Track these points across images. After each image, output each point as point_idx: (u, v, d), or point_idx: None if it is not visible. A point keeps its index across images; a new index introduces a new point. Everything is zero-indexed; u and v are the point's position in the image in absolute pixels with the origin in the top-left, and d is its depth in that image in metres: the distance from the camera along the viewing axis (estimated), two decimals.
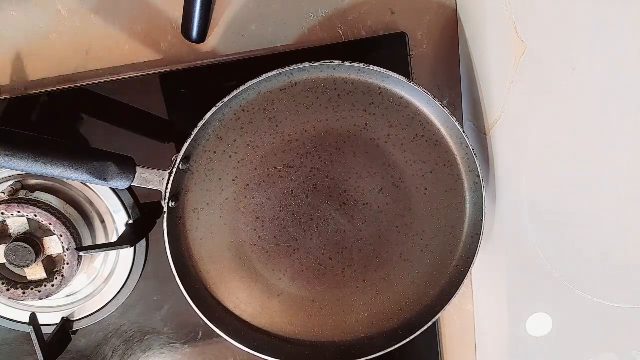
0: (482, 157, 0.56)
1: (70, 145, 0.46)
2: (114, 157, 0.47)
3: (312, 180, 0.53)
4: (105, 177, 0.46)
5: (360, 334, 0.56)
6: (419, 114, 0.52)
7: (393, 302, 0.56)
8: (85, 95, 0.54)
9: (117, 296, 0.58)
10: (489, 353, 0.63)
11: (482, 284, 0.61)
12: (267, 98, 0.51)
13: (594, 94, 0.39)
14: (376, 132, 0.52)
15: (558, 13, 0.40)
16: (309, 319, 0.56)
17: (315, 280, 0.55)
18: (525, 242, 0.52)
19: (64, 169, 0.45)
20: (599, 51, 0.38)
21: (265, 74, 0.48)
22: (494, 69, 0.51)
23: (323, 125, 0.52)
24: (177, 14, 0.54)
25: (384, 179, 0.54)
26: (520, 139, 0.49)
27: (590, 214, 0.44)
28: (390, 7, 0.56)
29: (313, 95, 0.51)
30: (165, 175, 0.48)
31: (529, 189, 0.50)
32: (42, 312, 0.57)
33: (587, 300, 0.47)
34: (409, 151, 0.53)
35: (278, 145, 0.52)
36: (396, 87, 0.51)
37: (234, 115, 0.51)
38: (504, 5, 0.46)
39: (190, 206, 0.52)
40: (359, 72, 0.50)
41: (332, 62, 0.49)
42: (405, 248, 0.55)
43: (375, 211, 0.54)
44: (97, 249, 0.53)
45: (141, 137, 0.56)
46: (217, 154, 0.51)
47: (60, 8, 0.54)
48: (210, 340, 0.60)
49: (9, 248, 0.51)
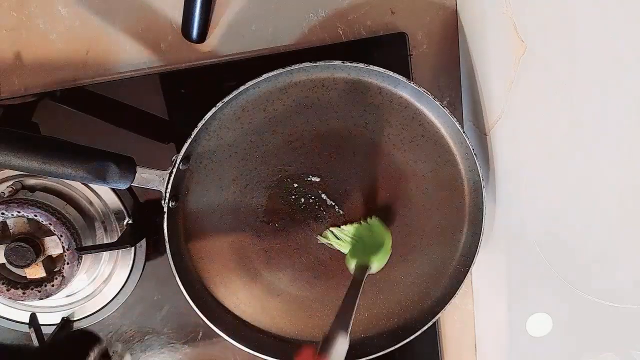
0: (482, 157, 0.56)
1: (70, 145, 0.46)
2: (114, 157, 0.46)
3: (308, 181, 0.53)
4: (105, 178, 0.45)
5: (360, 333, 0.56)
6: (419, 113, 0.52)
7: (393, 302, 0.56)
8: (85, 95, 0.54)
9: (117, 296, 0.58)
10: (489, 353, 0.63)
11: (482, 284, 0.61)
12: (267, 98, 0.51)
13: (594, 94, 0.39)
14: (376, 132, 0.52)
15: (558, 13, 0.40)
16: (309, 319, 0.56)
17: (315, 281, 0.55)
18: (525, 242, 0.52)
19: (64, 169, 0.45)
20: (599, 51, 0.38)
21: (265, 74, 0.48)
22: (494, 69, 0.51)
23: (323, 125, 0.52)
24: (177, 14, 0.54)
25: (383, 179, 0.54)
26: (521, 139, 0.49)
27: (590, 213, 0.44)
28: (390, 7, 0.56)
29: (313, 95, 0.51)
30: (165, 175, 0.48)
31: (529, 189, 0.50)
32: (42, 312, 0.57)
33: (587, 300, 0.47)
34: (409, 151, 0.53)
35: (278, 145, 0.52)
36: (396, 87, 0.51)
37: (234, 115, 0.51)
38: (504, 5, 0.46)
39: (190, 206, 0.52)
40: (359, 72, 0.50)
41: (332, 62, 0.49)
42: (406, 248, 0.55)
43: (375, 211, 0.54)
44: (97, 249, 0.53)
45: (141, 137, 0.56)
46: (217, 153, 0.51)
47: (60, 8, 0.54)
48: (210, 340, 0.60)
49: (9, 248, 0.51)
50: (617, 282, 0.45)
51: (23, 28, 0.54)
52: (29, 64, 0.55)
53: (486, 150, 0.55)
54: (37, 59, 0.55)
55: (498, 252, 0.56)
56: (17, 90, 0.55)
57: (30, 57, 0.55)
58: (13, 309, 0.58)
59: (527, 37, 0.44)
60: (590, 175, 0.43)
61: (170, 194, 0.48)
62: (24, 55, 0.55)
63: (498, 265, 0.57)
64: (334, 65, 0.49)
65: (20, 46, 0.55)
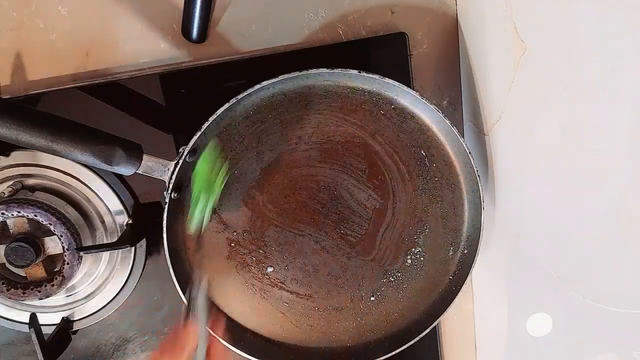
0: (481, 157, 0.56)
1: (80, 126, 0.45)
2: (122, 142, 0.46)
3: (314, 185, 0.53)
4: (111, 161, 0.45)
5: (347, 342, 0.55)
6: (427, 129, 0.53)
7: (389, 310, 0.56)
8: (85, 96, 0.54)
9: (117, 296, 0.58)
10: (489, 353, 0.63)
11: (482, 284, 0.61)
12: (279, 99, 0.51)
13: (594, 94, 0.39)
14: (383, 143, 0.53)
15: (558, 13, 0.40)
16: (298, 323, 0.55)
17: (307, 285, 0.55)
18: (525, 242, 0.52)
19: (71, 148, 0.44)
20: (599, 51, 0.38)
21: (281, 75, 0.48)
22: (494, 68, 0.51)
23: (332, 130, 0.52)
24: (177, 14, 0.54)
25: (386, 189, 0.54)
26: (520, 138, 0.49)
27: (590, 214, 0.44)
28: (390, 7, 0.56)
29: (325, 101, 0.52)
30: (170, 165, 0.48)
31: (528, 189, 0.50)
32: (42, 312, 0.57)
33: (587, 301, 0.47)
34: (413, 164, 0.53)
35: (285, 148, 0.52)
36: (405, 100, 0.52)
37: (245, 113, 0.51)
38: (504, 5, 0.46)
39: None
40: (373, 82, 0.51)
41: (348, 71, 0.49)
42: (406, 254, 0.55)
43: (374, 220, 0.54)
44: (97, 249, 0.53)
45: (141, 137, 0.56)
46: (224, 150, 0.51)
47: (60, 8, 0.54)
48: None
49: (9, 248, 0.51)
50: (616, 285, 0.45)
51: (23, 28, 0.54)
52: (29, 64, 0.55)
53: (486, 150, 0.55)
54: (37, 59, 0.55)
55: (498, 253, 0.56)
56: (17, 90, 0.55)
57: (30, 57, 0.55)
58: (13, 309, 0.58)
59: (527, 37, 0.44)
60: (591, 175, 0.43)
61: (173, 185, 0.48)
62: (24, 55, 0.55)
63: (498, 266, 0.57)
64: (350, 74, 0.50)
65: (20, 46, 0.55)
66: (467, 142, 0.50)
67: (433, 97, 0.58)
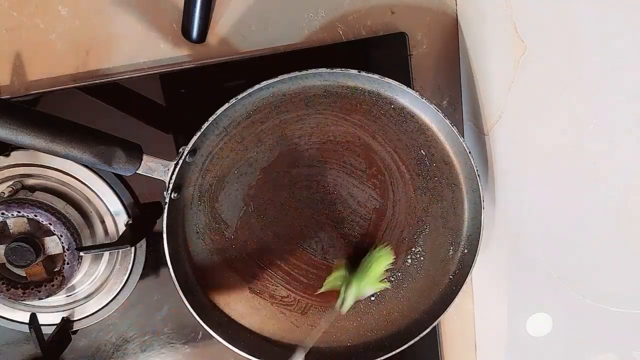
0: (481, 157, 0.56)
1: (79, 127, 0.45)
2: (121, 142, 0.46)
3: (314, 185, 0.53)
4: (111, 161, 0.45)
5: (347, 342, 0.55)
6: (427, 128, 0.52)
7: (389, 310, 0.56)
8: (85, 96, 0.54)
9: (117, 296, 0.58)
10: (489, 353, 0.63)
11: (482, 283, 0.61)
12: (279, 99, 0.51)
13: (594, 94, 0.39)
14: (383, 143, 0.53)
15: (558, 13, 0.40)
16: (298, 323, 0.55)
17: (307, 285, 0.55)
18: (525, 242, 0.52)
19: (71, 149, 0.44)
20: (599, 50, 0.38)
21: (281, 75, 0.48)
22: (494, 68, 0.51)
23: (332, 130, 0.52)
24: (177, 14, 0.54)
25: (386, 189, 0.54)
26: (520, 138, 0.49)
27: (590, 215, 0.44)
28: (390, 7, 0.56)
29: (325, 100, 0.51)
30: (170, 165, 0.48)
31: (528, 189, 0.50)
32: (42, 312, 0.57)
33: (587, 301, 0.47)
34: (413, 164, 0.53)
35: (285, 148, 0.52)
36: (405, 100, 0.51)
37: (245, 113, 0.51)
38: (504, 5, 0.46)
39: (191, 200, 0.52)
40: (373, 82, 0.50)
41: (348, 71, 0.49)
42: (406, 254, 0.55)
43: (374, 220, 0.54)
44: (97, 249, 0.53)
45: (141, 138, 0.56)
46: (224, 150, 0.51)
47: (60, 8, 0.54)
48: (210, 341, 0.60)
49: (9, 248, 0.51)
50: (616, 285, 0.45)
51: (23, 28, 0.54)
52: (29, 64, 0.55)
53: (486, 150, 0.55)
54: (37, 59, 0.55)
55: (498, 252, 0.56)
56: (17, 90, 0.55)
57: (30, 57, 0.55)
58: (13, 309, 0.58)
59: (527, 37, 0.44)
60: (591, 175, 0.43)
61: (173, 185, 0.48)
62: (24, 55, 0.55)
63: (498, 265, 0.57)
64: (350, 74, 0.50)
65: (20, 46, 0.55)
66: (467, 142, 0.50)
67: (433, 97, 0.58)
